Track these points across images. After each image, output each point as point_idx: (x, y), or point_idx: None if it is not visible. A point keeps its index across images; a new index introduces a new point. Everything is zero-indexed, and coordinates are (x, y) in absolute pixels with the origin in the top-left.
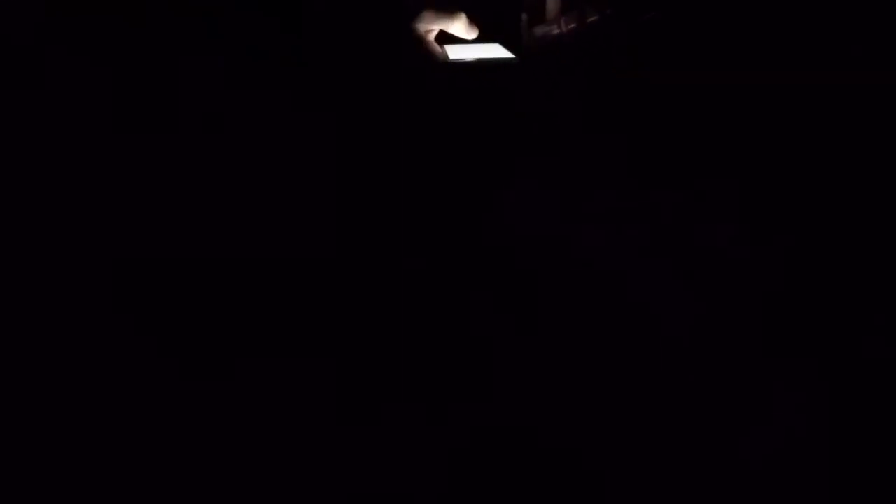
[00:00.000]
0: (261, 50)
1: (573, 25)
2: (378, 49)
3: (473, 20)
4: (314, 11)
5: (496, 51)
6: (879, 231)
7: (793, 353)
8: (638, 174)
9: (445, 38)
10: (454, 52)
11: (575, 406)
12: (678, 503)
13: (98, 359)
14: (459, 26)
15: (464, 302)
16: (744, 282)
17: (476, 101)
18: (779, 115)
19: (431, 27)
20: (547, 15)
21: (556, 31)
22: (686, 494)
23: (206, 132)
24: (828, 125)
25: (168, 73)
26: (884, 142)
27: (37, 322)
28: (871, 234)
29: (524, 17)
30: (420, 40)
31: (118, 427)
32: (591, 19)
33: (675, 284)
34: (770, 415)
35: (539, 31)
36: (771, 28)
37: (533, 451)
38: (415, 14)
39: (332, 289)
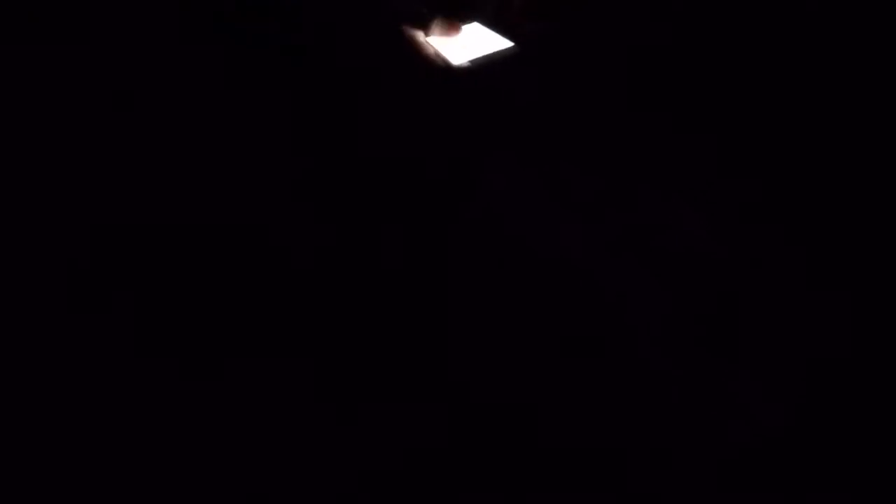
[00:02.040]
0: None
1: None
2: (376, 56)
3: (454, 19)
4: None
5: (493, 42)
6: (847, 222)
7: (762, 342)
8: (614, 164)
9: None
10: (455, 56)
11: (547, 394)
12: (652, 488)
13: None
14: (447, 30)
15: (441, 298)
16: (711, 272)
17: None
18: (749, 109)
19: (428, 35)
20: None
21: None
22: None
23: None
24: (793, 120)
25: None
26: (850, 135)
27: None
28: (837, 224)
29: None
30: (419, 48)
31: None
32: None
33: (643, 273)
34: (739, 403)
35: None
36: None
37: (510, 438)
38: (415, 23)
39: (310, 286)
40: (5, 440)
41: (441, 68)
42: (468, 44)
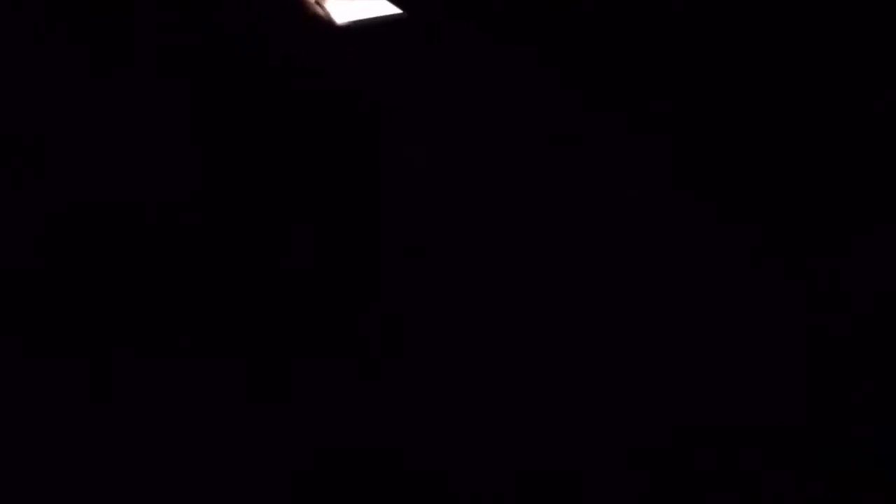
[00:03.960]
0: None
1: None
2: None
3: None
4: None
5: (381, 6)
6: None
7: (692, 307)
8: (539, 135)
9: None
10: (339, 13)
11: (481, 373)
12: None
13: None
14: None
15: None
16: (638, 236)
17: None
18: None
19: None
20: None
21: None
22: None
23: None
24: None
25: None
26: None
27: None
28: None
29: None
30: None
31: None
32: None
33: (576, 245)
34: (676, 368)
35: None
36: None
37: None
38: None
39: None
40: None
41: (326, 27)
42: (356, 6)
